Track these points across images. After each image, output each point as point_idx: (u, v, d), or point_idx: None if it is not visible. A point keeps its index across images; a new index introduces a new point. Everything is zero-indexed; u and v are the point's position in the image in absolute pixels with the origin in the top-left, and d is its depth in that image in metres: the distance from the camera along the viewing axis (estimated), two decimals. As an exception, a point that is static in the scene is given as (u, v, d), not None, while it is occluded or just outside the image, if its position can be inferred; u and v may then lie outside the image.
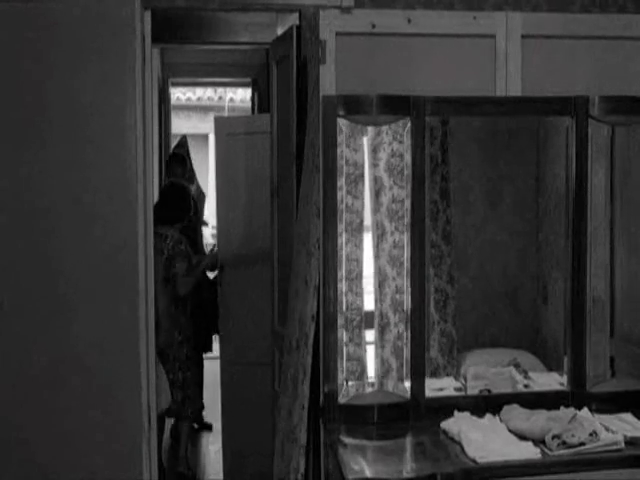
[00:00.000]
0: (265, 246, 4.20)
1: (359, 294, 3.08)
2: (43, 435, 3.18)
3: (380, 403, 3.00)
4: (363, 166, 3.08)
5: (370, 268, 3.13)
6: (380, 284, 3.12)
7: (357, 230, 3.05)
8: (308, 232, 3.05)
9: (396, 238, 3.08)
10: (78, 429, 3.19)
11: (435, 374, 3.31)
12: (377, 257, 3.11)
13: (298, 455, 3.03)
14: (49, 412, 3.18)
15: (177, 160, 6.34)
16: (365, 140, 3.08)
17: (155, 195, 5.25)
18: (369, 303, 3.16)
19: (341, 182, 2.97)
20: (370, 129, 3.08)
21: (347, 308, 3.04)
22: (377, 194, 3.10)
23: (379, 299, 3.12)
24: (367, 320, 3.14)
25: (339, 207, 2.96)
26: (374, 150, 3.10)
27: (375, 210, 3.10)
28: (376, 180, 3.10)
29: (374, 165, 3.10)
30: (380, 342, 3.14)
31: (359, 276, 3.07)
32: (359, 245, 3.07)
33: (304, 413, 3.04)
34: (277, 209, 3.90)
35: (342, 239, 3.01)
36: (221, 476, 5.14)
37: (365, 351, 3.15)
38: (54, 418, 3.19)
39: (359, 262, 3.07)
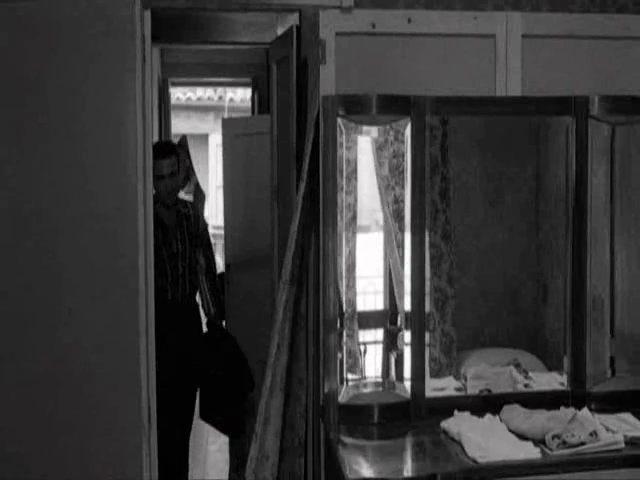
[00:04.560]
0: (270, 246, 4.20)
1: (351, 286, 3.09)
2: (43, 435, 3.18)
3: (380, 403, 3.00)
4: (356, 162, 3.08)
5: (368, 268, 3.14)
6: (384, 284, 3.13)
7: (349, 224, 3.06)
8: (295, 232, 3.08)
9: (399, 238, 3.08)
10: (78, 429, 3.19)
11: (435, 374, 3.30)
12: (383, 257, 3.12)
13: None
14: (49, 412, 3.18)
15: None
16: (359, 136, 3.08)
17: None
18: (367, 303, 3.17)
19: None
20: (365, 128, 3.08)
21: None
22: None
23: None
24: (362, 320, 3.14)
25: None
26: (379, 148, 3.10)
27: (383, 209, 3.11)
28: (383, 179, 3.11)
29: (380, 164, 3.10)
30: (382, 342, 3.14)
31: (352, 268, 3.07)
32: (351, 238, 3.07)
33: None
34: (278, 209, 3.90)
35: (343, 238, 3.02)
36: (221, 476, 5.15)
37: (358, 344, 3.15)
38: (54, 418, 3.18)
39: (352, 254, 3.08)
